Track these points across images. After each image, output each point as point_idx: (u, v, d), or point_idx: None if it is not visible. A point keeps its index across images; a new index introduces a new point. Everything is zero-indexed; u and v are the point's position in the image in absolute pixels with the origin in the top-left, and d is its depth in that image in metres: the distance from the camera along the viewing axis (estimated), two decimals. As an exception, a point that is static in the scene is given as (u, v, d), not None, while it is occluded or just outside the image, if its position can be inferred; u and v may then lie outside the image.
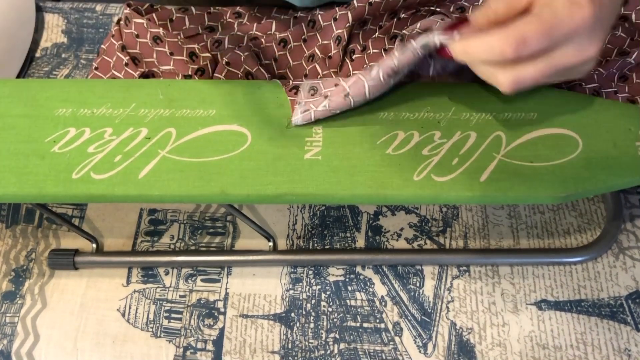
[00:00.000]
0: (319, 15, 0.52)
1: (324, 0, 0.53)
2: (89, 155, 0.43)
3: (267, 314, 0.48)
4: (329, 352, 0.46)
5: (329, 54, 0.50)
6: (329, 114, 0.43)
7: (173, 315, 0.48)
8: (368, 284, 0.49)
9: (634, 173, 0.41)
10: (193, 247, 0.51)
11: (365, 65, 0.48)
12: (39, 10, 0.64)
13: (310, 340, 0.47)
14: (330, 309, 0.48)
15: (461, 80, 0.46)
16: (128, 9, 0.52)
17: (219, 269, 0.50)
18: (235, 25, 0.53)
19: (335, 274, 0.49)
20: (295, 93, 0.45)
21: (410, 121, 0.44)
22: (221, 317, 0.48)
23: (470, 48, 0.36)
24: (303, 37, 0.51)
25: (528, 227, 0.50)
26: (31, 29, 0.61)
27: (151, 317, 0.48)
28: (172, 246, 0.51)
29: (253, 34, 0.52)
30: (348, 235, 0.51)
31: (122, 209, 0.53)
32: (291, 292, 0.49)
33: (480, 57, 0.36)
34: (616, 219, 0.49)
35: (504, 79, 0.35)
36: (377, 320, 0.47)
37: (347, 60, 0.49)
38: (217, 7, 0.54)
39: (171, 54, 0.50)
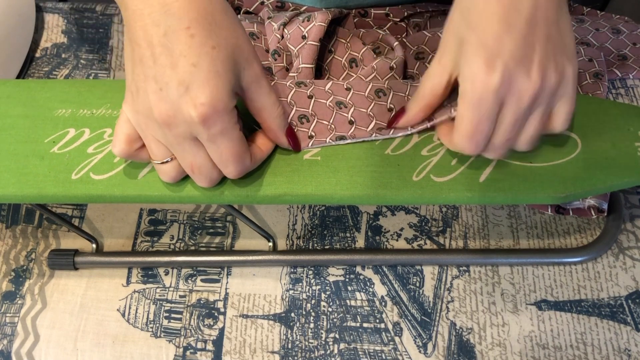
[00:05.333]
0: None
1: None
2: (89, 156, 0.43)
3: (267, 314, 0.48)
4: (329, 352, 0.46)
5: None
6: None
7: (173, 315, 0.48)
8: (368, 284, 0.49)
9: (633, 173, 0.41)
10: (193, 247, 0.51)
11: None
12: (39, 10, 0.64)
13: (310, 340, 0.47)
14: (330, 309, 0.48)
15: None
16: None
17: (219, 269, 0.50)
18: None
19: (335, 274, 0.49)
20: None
21: (409, 121, 0.44)
22: (221, 317, 0.48)
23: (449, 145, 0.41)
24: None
25: (528, 227, 0.50)
26: (31, 29, 0.61)
27: (151, 317, 0.48)
28: (172, 246, 0.51)
29: None
30: (348, 235, 0.51)
31: (122, 209, 0.53)
32: (291, 292, 0.49)
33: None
34: (616, 219, 0.49)
35: (488, 156, 0.40)
36: (377, 320, 0.47)
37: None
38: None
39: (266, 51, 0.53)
